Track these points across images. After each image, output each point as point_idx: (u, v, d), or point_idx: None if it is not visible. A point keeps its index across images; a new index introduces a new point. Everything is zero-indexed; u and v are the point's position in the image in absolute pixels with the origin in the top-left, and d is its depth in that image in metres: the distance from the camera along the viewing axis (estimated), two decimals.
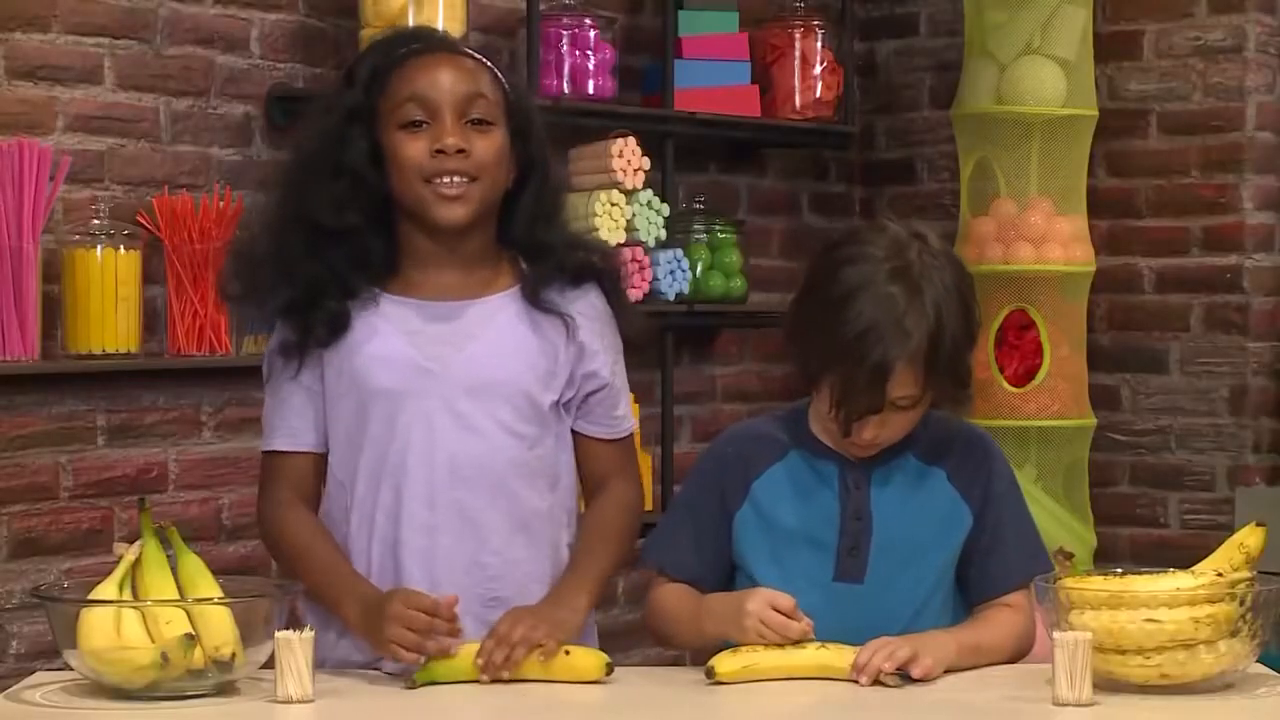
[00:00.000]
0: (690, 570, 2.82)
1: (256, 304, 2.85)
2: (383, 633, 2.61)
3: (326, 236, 2.74)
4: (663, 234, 4.80)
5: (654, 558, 2.85)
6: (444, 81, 2.74)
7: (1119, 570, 2.64)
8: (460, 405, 2.74)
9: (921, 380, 2.65)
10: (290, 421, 2.80)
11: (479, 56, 2.81)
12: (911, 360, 2.62)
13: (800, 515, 2.76)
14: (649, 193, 4.75)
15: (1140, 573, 2.61)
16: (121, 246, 3.97)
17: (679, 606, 2.80)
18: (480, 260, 2.80)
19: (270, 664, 2.49)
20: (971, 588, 2.79)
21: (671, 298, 4.84)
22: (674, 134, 4.95)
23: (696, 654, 2.81)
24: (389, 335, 2.75)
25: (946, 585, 2.78)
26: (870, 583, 2.73)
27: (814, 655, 2.64)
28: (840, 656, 2.62)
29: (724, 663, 2.63)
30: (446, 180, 2.72)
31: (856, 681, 2.59)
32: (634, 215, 4.71)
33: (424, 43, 2.81)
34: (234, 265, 2.86)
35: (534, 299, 2.78)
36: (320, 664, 2.64)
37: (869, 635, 2.65)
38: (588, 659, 2.66)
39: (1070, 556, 2.59)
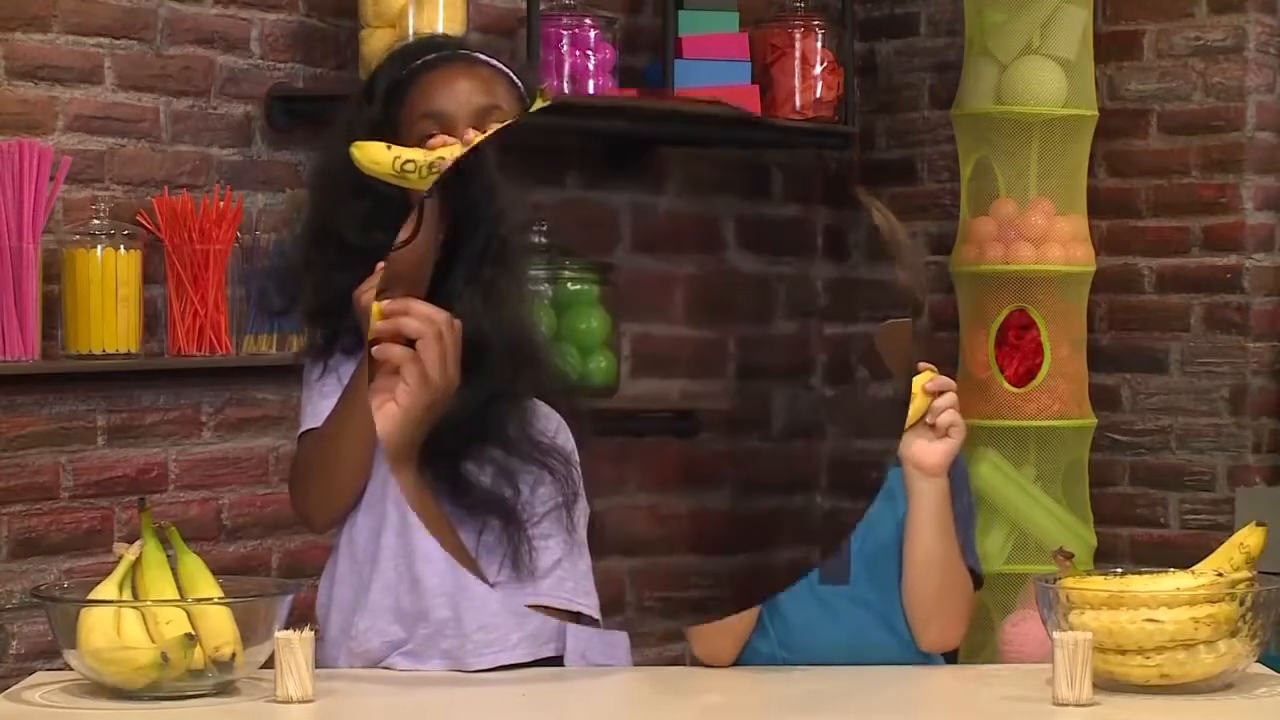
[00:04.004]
0: None
1: (294, 313, 2.91)
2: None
3: (356, 250, 2.75)
4: None
5: None
6: (460, 95, 2.74)
7: (1119, 570, 2.63)
8: None
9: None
10: (318, 406, 2.81)
11: (495, 63, 2.80)
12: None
13: None
14: None
15: (1140, 573, 2.60)
16: (121, 246, 3.96)
17: None
18: None
19: (270, 664, 2.49)
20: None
21: None
22: None
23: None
24: None
25: None
26: (856, 583, 2.71)
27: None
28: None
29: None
30: None
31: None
32: None
33: (439, 53, 2.81)
34: (271, 279, 2.89)
35: None
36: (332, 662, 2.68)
37: (860, 637, 2.66)
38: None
39: (1070, 556, 2.58)
